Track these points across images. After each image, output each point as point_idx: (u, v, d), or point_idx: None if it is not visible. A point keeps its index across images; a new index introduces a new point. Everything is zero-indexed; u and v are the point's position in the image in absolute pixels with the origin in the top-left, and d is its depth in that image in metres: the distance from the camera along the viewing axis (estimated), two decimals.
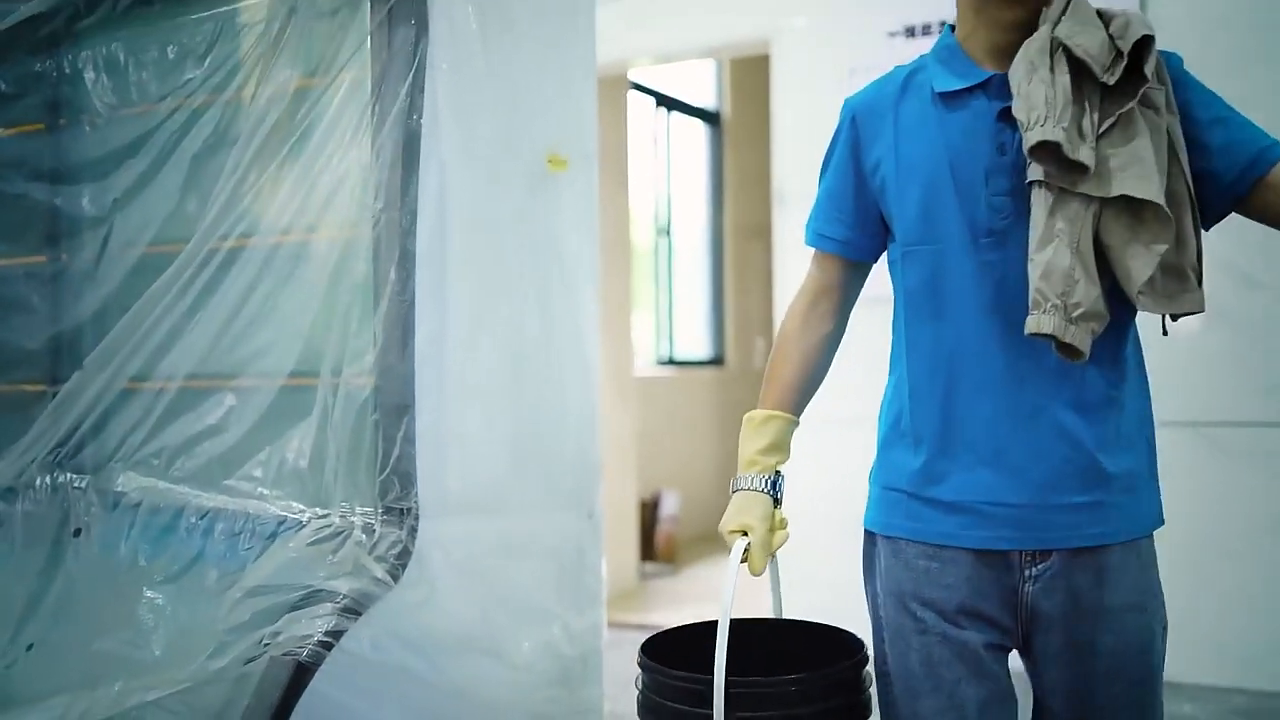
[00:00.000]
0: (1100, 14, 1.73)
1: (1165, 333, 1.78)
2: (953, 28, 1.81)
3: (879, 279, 1.88)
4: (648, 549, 6.08)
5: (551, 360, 2.35)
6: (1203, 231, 1.73)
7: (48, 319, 2.43)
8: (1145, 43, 1.63)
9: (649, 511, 6.15)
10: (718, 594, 1.82)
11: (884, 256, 1.83)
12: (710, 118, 7.76)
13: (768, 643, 1.88)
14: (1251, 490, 4.30)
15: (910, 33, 4.93)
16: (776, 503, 1.81)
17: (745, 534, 1.76)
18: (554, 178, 2.30)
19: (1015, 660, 1.73)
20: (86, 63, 2.40)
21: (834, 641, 1.86)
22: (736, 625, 1.69)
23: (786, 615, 1.88)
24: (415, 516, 2.03)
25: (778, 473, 1.83)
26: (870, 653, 1.76)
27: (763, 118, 7.14)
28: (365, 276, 2.04)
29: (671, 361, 7.35)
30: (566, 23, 2.39)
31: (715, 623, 1.68)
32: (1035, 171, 1.62)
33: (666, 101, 7.05)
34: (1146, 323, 1.72)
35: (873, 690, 1.74)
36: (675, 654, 1.78)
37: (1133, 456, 1.76)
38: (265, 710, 1.72)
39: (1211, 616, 4.31)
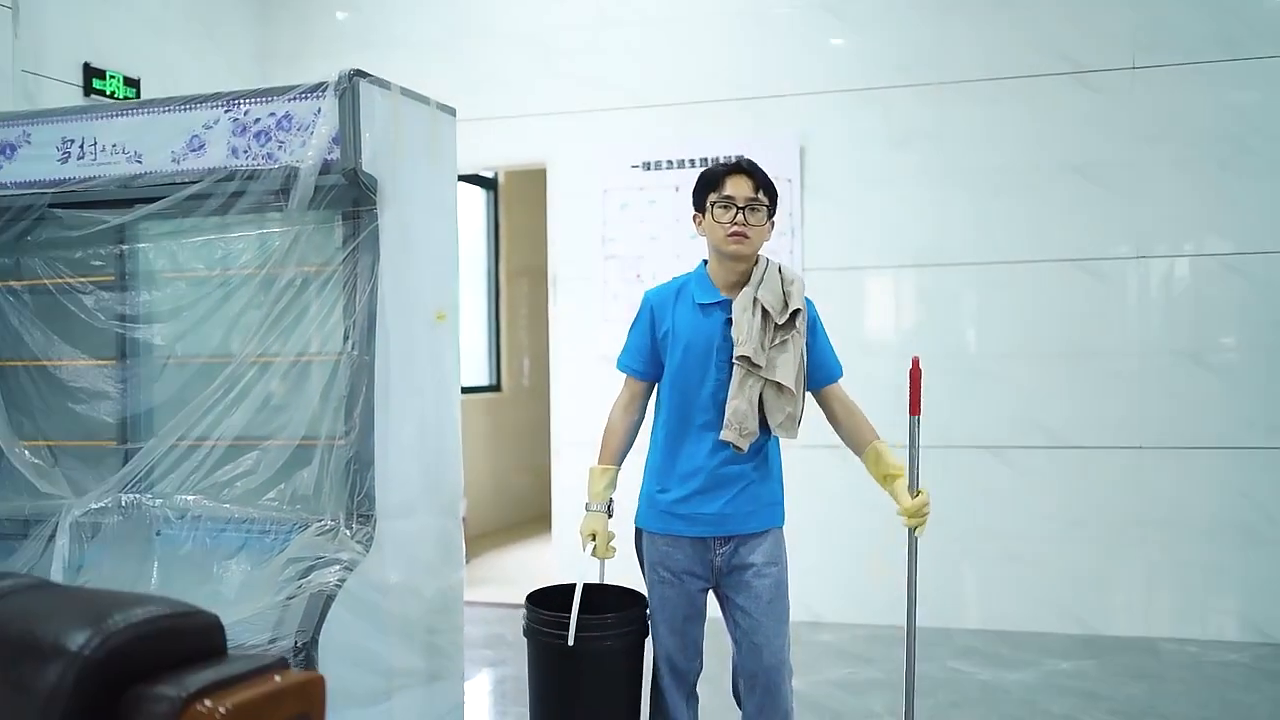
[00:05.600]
0: (781, 272, 2.69)
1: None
2: (705, 262, 2.78)
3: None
4: None
5: (440, 429, 3.56)
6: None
7: (119, 402, 3.52)
8: (797, 311, 2.66)
9: None
10: (503, 576, 3.28)
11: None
12: (488, 183, 8.79)
13: (596, 596, 2.86)
14: (875, 491, 5.57)
15: (646, 166, 5.85)
16: (609, 515, 2.82)
17: (594, 536, 2.80)
18: (438, 324, 3.60)
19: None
20: (149, 252, 3.50)
21: (633, 596, 2.90)
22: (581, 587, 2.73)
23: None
24: (375, 520, 3.17)
25: (611, 500, 2.84)
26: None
27: (530, 182, 8.36)
28: (345, 387, 3.24)
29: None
30: (445, 224, 3.70)
31: (567, 585, 2.79)
32: (738, 359, 2.66)
33: None
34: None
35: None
36: (543, 601, 2.85)
37: (769, 489, 2.84)
38: (311, 620, 2.98)
39: (842, 574, 5.66)
